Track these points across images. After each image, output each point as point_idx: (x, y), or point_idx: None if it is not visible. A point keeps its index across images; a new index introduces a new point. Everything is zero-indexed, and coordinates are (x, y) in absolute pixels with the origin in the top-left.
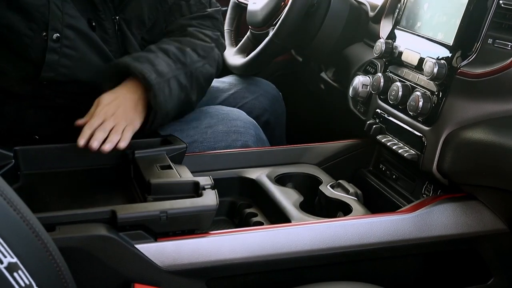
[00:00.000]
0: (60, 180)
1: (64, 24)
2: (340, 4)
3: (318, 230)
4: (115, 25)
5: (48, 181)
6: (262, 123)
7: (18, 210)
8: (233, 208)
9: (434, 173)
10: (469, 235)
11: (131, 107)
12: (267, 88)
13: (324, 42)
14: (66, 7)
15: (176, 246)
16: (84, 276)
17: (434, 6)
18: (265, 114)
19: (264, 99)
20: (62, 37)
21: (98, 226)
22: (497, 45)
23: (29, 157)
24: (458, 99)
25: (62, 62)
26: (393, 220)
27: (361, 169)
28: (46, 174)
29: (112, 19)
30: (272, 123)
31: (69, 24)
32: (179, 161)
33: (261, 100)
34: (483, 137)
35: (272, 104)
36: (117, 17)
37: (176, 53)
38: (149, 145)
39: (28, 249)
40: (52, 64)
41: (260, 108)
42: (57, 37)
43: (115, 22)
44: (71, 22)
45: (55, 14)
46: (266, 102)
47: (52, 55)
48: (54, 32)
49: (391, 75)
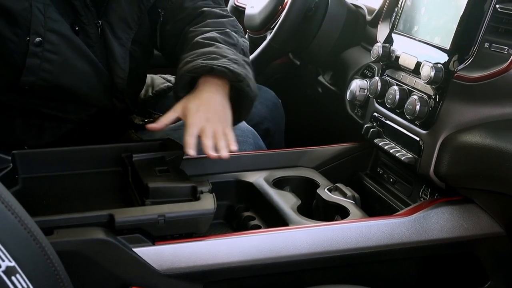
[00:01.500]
0: (58, 183)
1: (47, 28)
2: (338, 8)
3: (316, 234)
4: (98, 29)
5: (46, 185)
6: (262, 131)
7: (16, 213)
8: (230, 212)
9: (431, 176)
10: (466, 238)
11: (219, 107)
12: (266, 96)
13: (321, 46)
14: (49, 10)
15: (174, 250)
16: (82, 279)
17: (431, 10)
18: (265, 122)
19: (263, 107)
20: (44, 41)
21: (96, 230)
22: (494, 49)
23: (27, 161)
24: (455, 103)
25: (43, 67)
26: (390, 224)
27: (359, 173)
28: (44, 178)
29: (95, 23)
30: (272, 131)
31: (51, 28)
32: (177, 164)
33: (260, 108)
34: (480, 140)
35: (272, 112)
36: (100, 21)
37: (224, 38)
38: (147, 149)
39: (26, 253)
40: (32, 68)
41: (259, 116)
42: (39, 41)
43: (98, 27)
44: (53, 26)
45: (37, 18)
46: (266, 110)
47: (33, 59)
48: (36, 36)
49: (388, 79)
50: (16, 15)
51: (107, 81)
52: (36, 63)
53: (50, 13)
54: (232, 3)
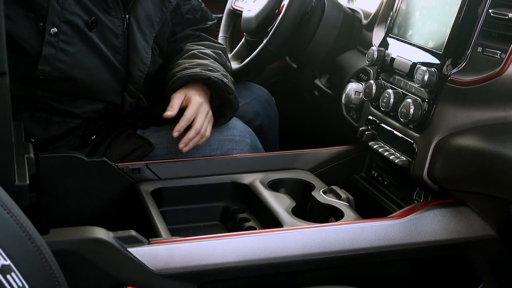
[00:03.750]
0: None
1: (62, 19)
2: (334, 12)
3: (310, 235)
4: (124, 23)
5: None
6: (256, 127)
7: (11, 213)
8: (226, 213)
9: (424, 179)
10: (459, 240)
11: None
12: (259, 93)
13: (318, 49)
14: (67, 2)
15: (168, 250)
16: (77, 279)
17: (426, 15)
18: (258, 119)
19: (257, 103)
20: (59, 32)
21: (91, 230)
22: (487, 53)
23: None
24: (448, 106)
25: (58, 57)
26: (384, 226)
27: (354, 175)
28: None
29: (122, 17)
30: (265, 127)
31: (67, 19)
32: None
33: (254, 105)
34: (472, 144)
35: (265, 109)
36: (126, 16)
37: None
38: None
39: (21, 252)
40: (48, 57)
41: (253, 113)
42: (55, 31)
43: (125, 20)
44: (69, 18)
45: (54, 9)
46: (259, 107)
47: (49, 49)
48: (51, 26)
49: (383, 82)
50: (35, 4)
51: (120, 75)
52: (51, 52)
53: (67, 5)
54: (229, 7)
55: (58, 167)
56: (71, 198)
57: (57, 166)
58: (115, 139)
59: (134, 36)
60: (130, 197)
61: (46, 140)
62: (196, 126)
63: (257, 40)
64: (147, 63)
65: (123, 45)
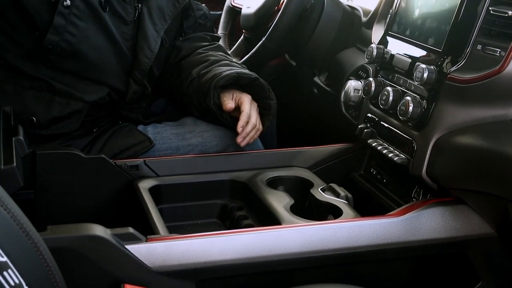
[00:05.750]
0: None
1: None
2: (333, 9)
3: (308, 233)
4: (136, 11)
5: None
6: None
7: (8, 209)
8: (224, 211)
9: (423, 177)
10: (458, 239)
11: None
12: None
13: (317, 47)
14: None
15: (166, 247)
16: (74, 276)
17: (425, 12)
18: None
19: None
20: (72, 5)
21: (89, 227)
22: (486, 51)
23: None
24: (447, 104)
25: (68, 28)
26: (382, 224)
27: (352, 173)
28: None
29: (134, 6)
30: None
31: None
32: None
33: None
34: (471, 142)
35: None
36: (139, 5)
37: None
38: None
39: (18, 249)
40: (59, 27)
41: None
42: (68, 5)
43: (137, 9)
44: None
45: None
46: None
47: (60, 19)
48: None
49: (383, 80)
50: None
51: (127, 61)
52: (62, 23)
53: None
54: (229, 4)
55: (55, 164)
56: (69, 195)
57: (54, 163)
58: (116, 133)
59: (144, 25)
60: (128, 194)
61: (48, 120)
62: (253, 120)
63: (256, 37)
64: (154, 51)
65: (133, 32)
